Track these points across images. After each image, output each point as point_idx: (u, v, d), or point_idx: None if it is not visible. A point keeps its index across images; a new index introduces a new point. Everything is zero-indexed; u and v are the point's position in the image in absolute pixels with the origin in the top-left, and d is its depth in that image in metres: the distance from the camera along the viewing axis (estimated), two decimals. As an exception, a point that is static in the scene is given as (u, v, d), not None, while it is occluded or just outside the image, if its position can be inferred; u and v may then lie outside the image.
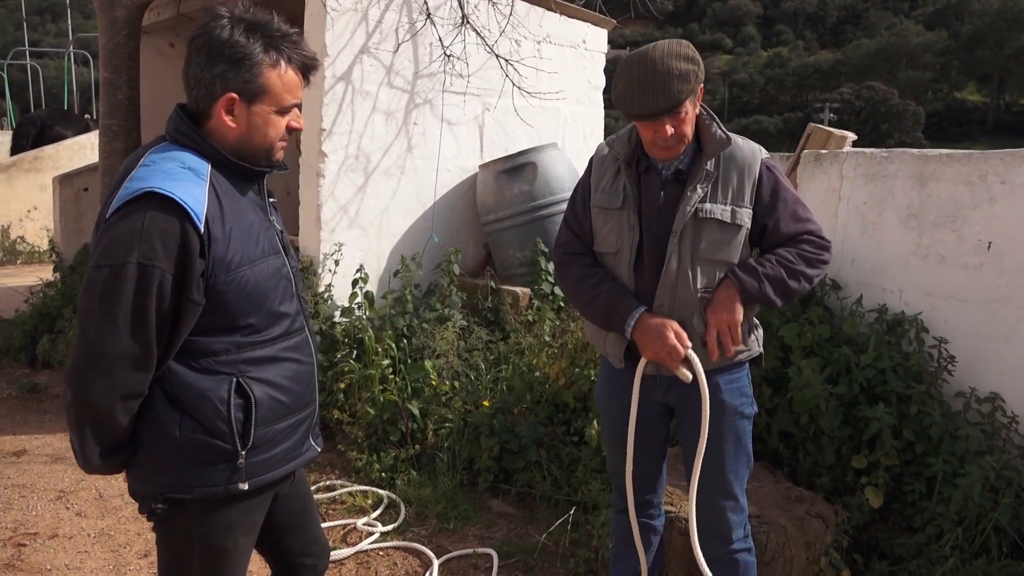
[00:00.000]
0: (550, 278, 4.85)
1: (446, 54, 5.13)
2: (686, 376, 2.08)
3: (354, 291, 4.62)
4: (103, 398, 1.50)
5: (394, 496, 3.70)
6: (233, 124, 1.61)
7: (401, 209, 5.21)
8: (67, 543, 3.36)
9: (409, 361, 4.29)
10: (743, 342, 2.18)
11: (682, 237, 2.10)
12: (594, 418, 3.52)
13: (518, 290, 4.92)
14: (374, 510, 3.60)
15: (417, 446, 3.97)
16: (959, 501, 2.77)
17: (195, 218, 1.51)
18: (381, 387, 4.10)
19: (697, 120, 2.14)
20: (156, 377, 1.57)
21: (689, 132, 2.08)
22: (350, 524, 3.50)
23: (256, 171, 1.68)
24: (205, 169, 1.59)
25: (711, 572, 2.20)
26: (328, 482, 3.89)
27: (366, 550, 3.30)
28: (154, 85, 6.18)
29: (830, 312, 3.46)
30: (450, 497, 3.63)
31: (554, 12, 5.75)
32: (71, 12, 24.30)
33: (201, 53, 1.57)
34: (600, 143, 2.34)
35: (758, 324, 2.30)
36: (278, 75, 1.60)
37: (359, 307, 4.61)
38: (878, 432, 2.98)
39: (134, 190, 1.51)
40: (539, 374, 3.98)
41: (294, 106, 1.66)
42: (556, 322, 4.41)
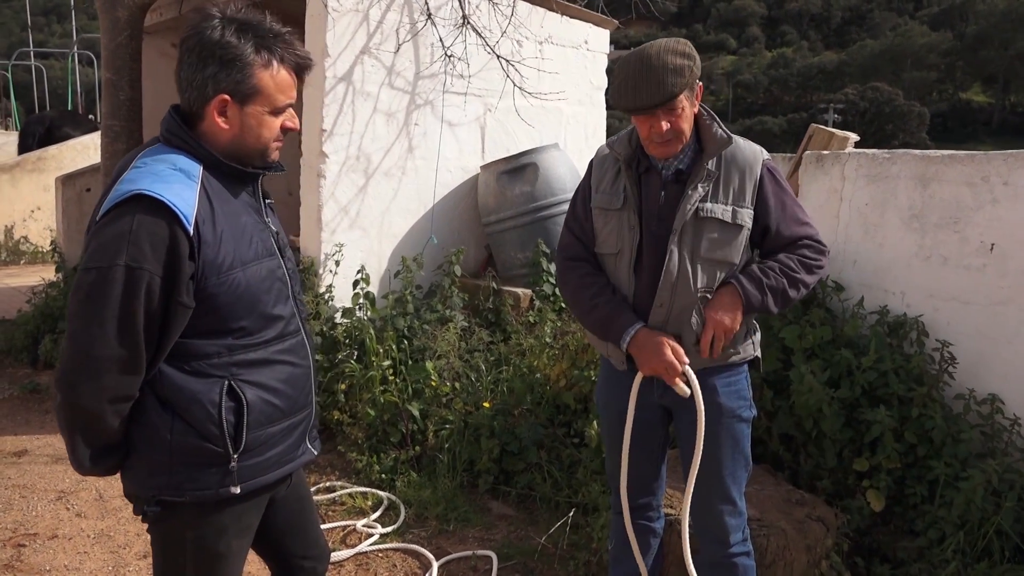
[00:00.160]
0: (551, 279, 4.84)
1: (447, 55, 5.13)
2: (684, 391, 2.09)
3: (355, 292, 4.61)
4: (92, 401, 1.49)
5: (394, 498, 3.69)
6: (226, 126, 1.60)
7: (402, 210, 5.20)
8: (67, 544, 3.36)
9: (410, 362, 4.28)
10: (740, 344, 2.19)
11: (682, 236, 2.09)
12: (594, 419, 3.51)
13: (519, 291, 4.91)
14: (374, 511, 3.59)
15: (417, 447, 3.96)
16: (961, 504, 2.76)
17: (184, 220, 1.50)
18: (382, 388, 4.09)
19: (698, 120, 2.14)
20: (147, 380, 1.56)
21: (686, 129, 2.07)
22: (350, 526, 3.49)
23: (249, 173, 1.67)
24: (197, 171, 1.58)
25: None
26: (328, 483, 3.89)
27: (365, 552, 3.29)
28: (156, 86, 6.19)
29: (831, 314, 3.45)
30: (450, 499, 3.62)
31: (556, 13, 5.74)
32: (76, 13, 24.38)
33: (192, 54, 1.56)
34: (600, 145, 2.33)
35: (756, 327, 2.29)
36: (270, 75, 1.58)
37: (360, 308, 4.61)
38: (879, 435, 2.96)
39: (123, 192, 1.50)
40: (540, 375, 3.97)
41: (288, 106, 1.65)
42: (557, 323, 4.40)
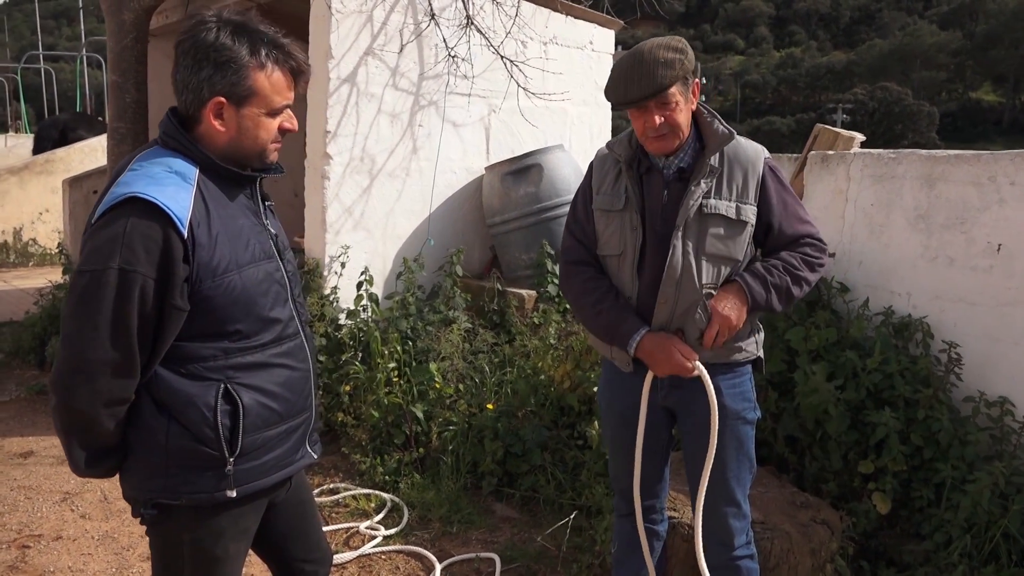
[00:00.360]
0: (555, 280, 4.82)
1: (451, 55, 5.12)
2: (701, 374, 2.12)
3: (359, 293, 4.61)
4: (87, 404, 1.49)
5: (397, 499, 3.68)
6: (223, 128, 1.59)
7: (406, 211, 5.19)
8: (71, 545, 3.37)
9: (414, 364, 4.28)
10: (743, 342, 2.18)
11: (686, 232, 2.09)
12: (596, 420, 3.50)
13: (524, 292, 4.90)
14: (377, 513, 3.59)
15: (421, 449, 3.95)
16: (968, 507, 2.73)
17: (178, 223, 1.49)
18: (386, 390, 4.09)
19: (698, 118, 2.15)
20: (143, 383, 1.56)
21: (682, 123, 2.07)
22: (353, 528, 3.49)
23: (246, 175, 1.66)
24: (193, 174, 1.57)
25: None
26: (331, 485, 3.88)
27: (368, 554, 3.29)
28: (162, 88, 6.20)
29: (837, 315, 3.42)
30: (453, 501, 3.62)
31: (560, 13, 5.73)
32: (85, 16, 24.52)
33: (187, 57, 1.55)
34: (600, 147, 2.33)
35: (760, 327, 2.28)
36: (265, 76, 1.58)
37: (364, 309, 4.61)
38: (885, 437, 2.94)
39: (118, 195, 1.50)
40: (544, 377, 3.96)
41: (285, 107, 1.64)
42: (562, 324, 4.39)
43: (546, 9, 5.66)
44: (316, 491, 3.81)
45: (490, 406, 3.90)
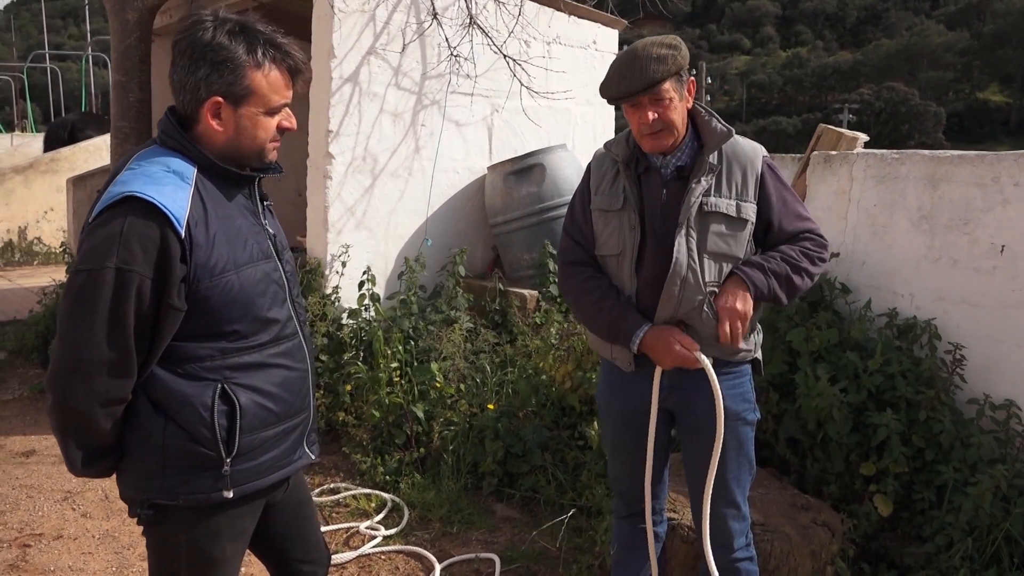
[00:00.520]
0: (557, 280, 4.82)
1: (453, 55, 5.12)
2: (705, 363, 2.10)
3: (361, 293, 4.61)
4: (83, 404, 1.49)
5: (398, 499, 3.68)
6: (221, 128, 1.59)
7: (408, 211, 5.19)
8: (72, 544, 3.38)
9: (415, 363, 4.27)
10: (745, 341, 2.17)
11: (688, 230, 2.08)
12: (596, 421, 3.49)
13: (526, 292, 4.89)
14: (377, 513, 3.59)
15: (422, 449, 3.95)
16: (970, 510, 2.71)
17: (175, 223, 1.49)
18: (388, 390, 4.09)
19: (696, 117, 2.16)
20: (140, 382, 1.55)
21: (677, 121, 2.07)
22: (353, 528, 3.48)
23: (244, 175, 1.66)
24: (191, 173, 1.57)
25: None
26: (332, 485, 3.88)
27: (368, 554, 3.29)
28: (166, 87, 6.12)
29: (839, 316, 3.41)
30: (454, 501, 3.61)
31: (563, 13, 5.72)
32: (91, 15, 24.62)
33: (184, 57, 1.55)
34: (597, 148, 2.33)
35: (759, 328, 2.27)
36: (263, 75, 1.57)
37: (366, 309, 4.60)
38: (886, 439, 2.92)
39: (116, 194, 1.50)
40: (545, 377, 3.95)
41: (283, 106, 1.64)
42: (563, 324, 4.38)
43: (549, 8, 5.65)
44: (316, 491, 3.81)
45: (491, 406, 3.89)
